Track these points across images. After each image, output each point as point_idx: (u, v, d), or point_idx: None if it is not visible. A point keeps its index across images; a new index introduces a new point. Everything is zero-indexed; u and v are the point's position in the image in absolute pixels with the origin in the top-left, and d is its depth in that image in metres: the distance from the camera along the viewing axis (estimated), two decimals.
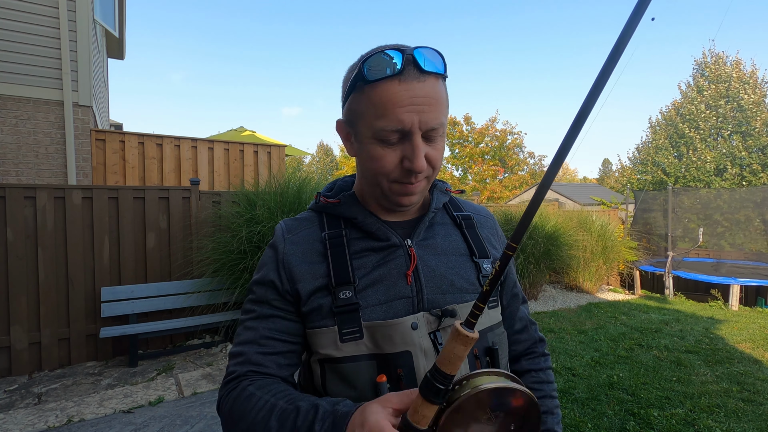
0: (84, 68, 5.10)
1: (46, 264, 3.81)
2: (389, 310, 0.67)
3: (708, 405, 3.08)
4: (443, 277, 0.71)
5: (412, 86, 0.60)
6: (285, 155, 6.85)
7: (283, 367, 0.70)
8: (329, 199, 0.75)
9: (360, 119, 0.65)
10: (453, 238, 0.76)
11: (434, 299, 0.69)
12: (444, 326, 0.68)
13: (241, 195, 4.49)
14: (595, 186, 31.62)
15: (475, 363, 0.69)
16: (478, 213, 0.84)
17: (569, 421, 2.83)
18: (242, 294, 4.10)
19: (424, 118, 0.61)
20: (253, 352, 0.68)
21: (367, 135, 0.65)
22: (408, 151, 0.63)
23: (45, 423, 2.81)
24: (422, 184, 0.68)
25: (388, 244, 0.71)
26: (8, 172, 4.78)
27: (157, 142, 5.74)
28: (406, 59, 0.60)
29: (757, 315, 5.89)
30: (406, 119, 0.60)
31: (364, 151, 0.67)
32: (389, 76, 0.60)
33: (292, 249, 0.71)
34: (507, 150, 25.48)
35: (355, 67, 0.64)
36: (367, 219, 0.72)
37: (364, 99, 0.63)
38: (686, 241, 8.49)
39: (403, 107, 0.60)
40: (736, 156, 14.30)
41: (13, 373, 3.66)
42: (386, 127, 0.62)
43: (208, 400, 3.15)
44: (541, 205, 7.34)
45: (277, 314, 0.70)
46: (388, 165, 0.65)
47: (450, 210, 0.81)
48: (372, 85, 0.61)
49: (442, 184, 0.81)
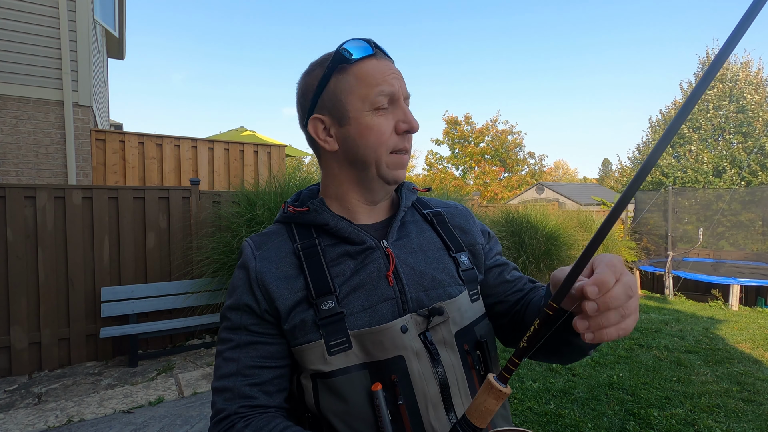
0: (84, 68, 5.10)
1: (46, 264, 3.81)
2: (374, 314, 0.65)
3: (708, 405, 3.08)
4: (423, 273, 0.70)
5: (386, 63, 0.70)
6: (285, 155, 6.85)
7: (274, 395, 0.67)
8: (297, 208, 0.73)
9: (348, 96, 0.68)
10: (427, 235, 0.76)
11: (418, 297, 0.68)
12: (433, 325, 0.67)
13: (241, 195, 4.49)
14: (595, 186, 31.62)
15: (467, 358, 0.69)
16: (448, 206, 0.85)
17: (569, 421, 2.83)
18: None
19: (402, 87, 0.70)
20: (240, 385, 0.65)
21: (359, 108, 0.67)
22: (400, 114, 0.69)
23: (45, 423, 2.81)
24: (408, 156, 0.73)
25: (364, 248, 0.69)
26: (8, 172, 4.78)
27: (157, 142, 5.74)
28: (373, 44, 0.69)
29: (757, 315, 5.89)
30: (394, 83, 0.68)
31: (358, 126, 0.68)
32: (369, 55, 0.68)
33: (264, 266, 0.68)
34: (507, 150, 25.48)
35: (326, 59, 0.70)
36: (339, 224, 0.70)
37: (351, 77, 0.68)
38: (686, 241, 8.49)
39: (387, 76, 0.68)
40: (735, 157, 14.30)
41: (13, 373, 3.66)
42: (381, 92, 0.67)
43: (208, 400, 3.15)
44: (542, 205, 7.37)
45: (257, 340, 0.67)
46: (385, 131, 0.68)
47: (419, 208, 0.81)
48: (357, 63, 0.68)
49: (409, 183, 0.82)
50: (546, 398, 3.18)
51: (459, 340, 0.69)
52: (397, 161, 0.70)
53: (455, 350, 0.68)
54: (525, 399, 3.15)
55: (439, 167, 26.30)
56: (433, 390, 0.64)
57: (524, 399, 3.15)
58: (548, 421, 2.84)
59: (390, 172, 0.70)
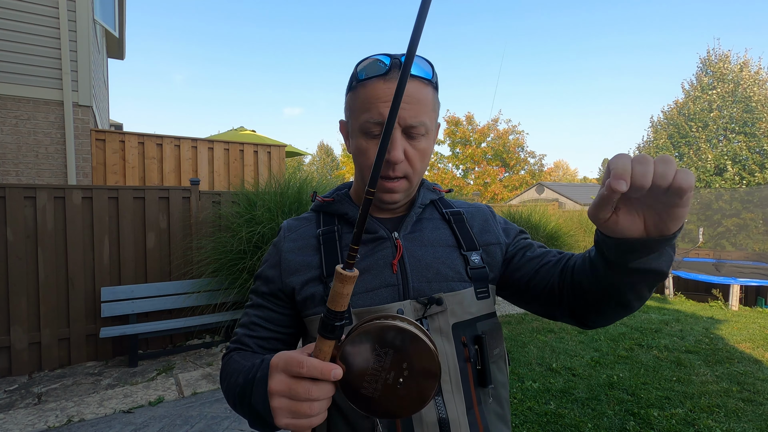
0: (84, 68, 5.10)
1: (46, 264, 3.81)
2: (375, 297, 0.71)
3: (708, 405, 3.07)
4: (429, 266, 0.74)
5: (392, 86, 0.66)
6: (285, 155, 6.85)
7: (265, 350, 0.77)
8: (325, 198, 0.82)
9: (352, 115, 0.72)
10: (441, 232, 0.79)
11: (420, 287, 0.72)
12: (430, 314, 0.70)
13: (241, 195, 4.49)
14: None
15: (463, 350, 0.70)
16: (470, 207, 0.87)
17: (569, 421, 2.83)
18: (241, 294, 4.11)
19: (403, 114, 0.66)
20: (242, 333, 0.78)
21: (356, 129, 0.71)
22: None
23: (45, 423, 2.81)
24: (403, 183, 0.72)
25: (376, 237, 0.75)
26: (8, 172, 4.78)
27: (157, 142, 5.74)
28: (393, 62, 0.68)
29: (757, 315, 5.89)
30: (385, 112, 0.66)
31: (354, 145, 0.73)
32: (377, 75, 0.68)
33: (290, 245, 0.79)
34: (508, 150, 25.46)
35: (354, 72, 0.73)
36: (357, 214, 0.75)
37: (355, 96, 0.71)
38: (686, 241, 8.48)
39: (384, 102, 0.66)
40: (737, 155, 14.29)
41: (13, 373, 3.67)
42: (369, 119, 0.68)
43: (208, 400, 3.15)
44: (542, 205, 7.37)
45: (265, 305, 0.78)
46: (370, 157, 0.70)
47: (440, 207, 0.84)
48: (362, 83, 0.69)
49: (430, 183, 0.85)
50: (546, 398, 3.18)
51: (456, 331, 0.71)
52: (381, 186, 0.72)
53: (451, 341, 0.70)
54: (525, 399, 3.15)
55: (439, 167, 26.30)
56: None
57: (524, 399, 3.15)
58: (548, 421, 2.84)
59: (378, 195, 0.73)
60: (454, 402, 0.68)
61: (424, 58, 0.70)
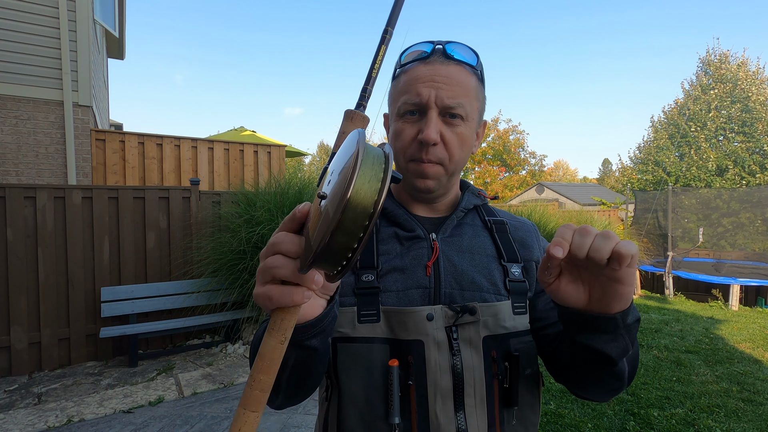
0: (84, 68, 5.10)
1: (46, 264, 3.81)
2: (404, 297, 0.68)
3: (708, 405, 3.07)
4: (464, 273, 0.70)
5: (435, 67, 0.67)
6: (285, 155, 6.85)
7: None
8: None
9: (392, 102, 0.73)
10: (481, 239, 0.76)
11: (451, 294, 0.69)
12: (462, 323, 0.67)
13: (241, 195, 4.49)
14: (595, 186, 31.63)
15: (491, 365, 0.67)
16: (514, 219, 0.83)
17: (569, 421, 2.83)
18: (241, 294, 4.10)
19: (440, 94, 0.65)
20: None
21: (393, 112, 0.72)
22: (423, 124, 0.67)
23: (45, 423, 2.81)
24: (438, 169, 0.69)
25: (413, 235, 0.73)
26: (8, 172, 4.78)
27: (157, 142, 5.74)
28: (435, 49, 0.68)
29: (757, 315, 5.89)
30: (423, 92, 0.66)
31: (392, 130, 0.72)
32: (418, 59, 0.68)
33: None
34: (509, 150, 25.46)
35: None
36: (396, 210, 0.75)
37: (397, 83, 0.71)
38: (686, 241, 8.48)
39: (422, 83, 0.66)
40: (738, 156, 14.29)
41: (13, 373, 3.66)
42: (407, 101, 0.67)
43: (208, 400, 3.15)
44: (542, 205, 7.37)
45: None
46: (405, 139, 0.68)
47: (482, 214, 0.81)
48: (403, 68, 0.70)
49: (474, 188, 0.82)
50: (546, 398, 3.18)
51: (487, 345, 0.67)
52: (414, 170, 0.69)
53: (480, 353, 0.67)
54: None
55: None
56: (445, 382, 0.65)
57: None
58: (548, 421, 2.84)
59: (411, 180, 0.71)
60: (476, 417, 0.65)
61: (471, 48, 0.70)
